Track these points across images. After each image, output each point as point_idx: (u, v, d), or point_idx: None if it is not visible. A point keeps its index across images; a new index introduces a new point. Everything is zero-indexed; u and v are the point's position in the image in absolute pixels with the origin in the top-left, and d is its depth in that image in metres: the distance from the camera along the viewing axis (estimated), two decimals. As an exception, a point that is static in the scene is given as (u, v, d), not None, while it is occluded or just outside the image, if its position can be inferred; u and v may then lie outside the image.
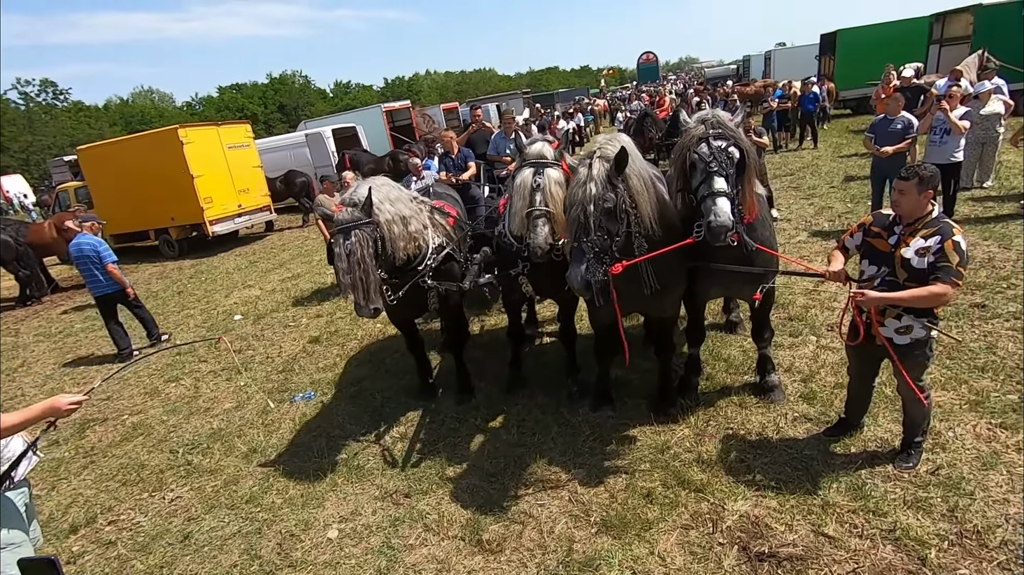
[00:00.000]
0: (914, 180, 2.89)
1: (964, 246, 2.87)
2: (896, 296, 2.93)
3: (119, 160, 13.66)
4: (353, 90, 70.46)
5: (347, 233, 3.61)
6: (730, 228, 3.06)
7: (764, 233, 3.70)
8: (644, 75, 69.48)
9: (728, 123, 3.29)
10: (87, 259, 7.05)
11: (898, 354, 3.15)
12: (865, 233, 3.23)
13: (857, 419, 3.68)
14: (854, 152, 13.20)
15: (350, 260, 3.57)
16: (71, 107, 51.66)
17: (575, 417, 4.39)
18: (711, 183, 3.11)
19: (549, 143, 3.91)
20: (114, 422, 5.61)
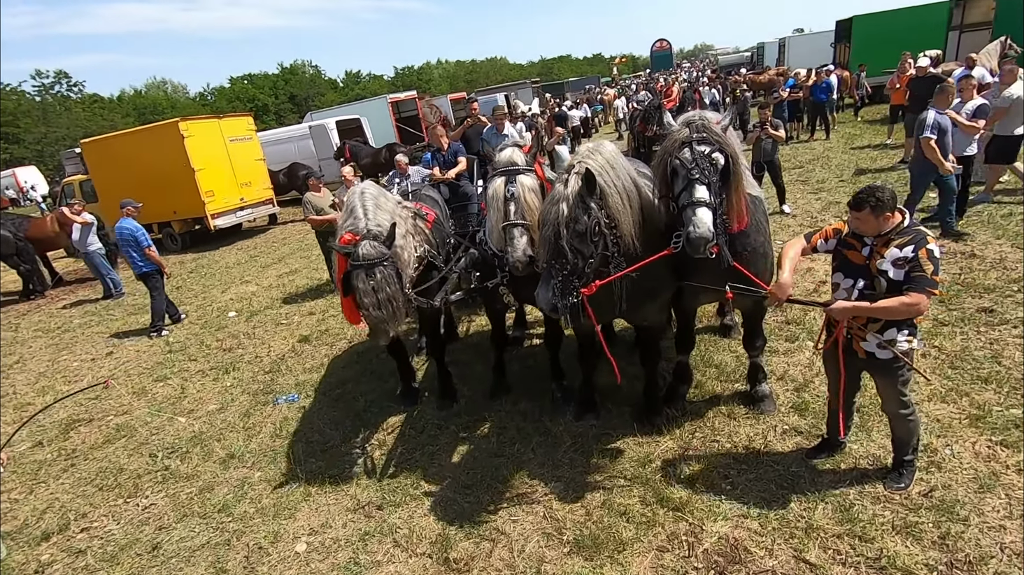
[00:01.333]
0: (866, 210, 2.71)
1: (938, 254, 2.73)
2: (868, 307, 2.77)
3: (122, 153, 13.66)
4: (364, 80, 70.21)
5: (371, 270, 3.47)
6: (709, 240, 2.88)
7: (758, 239, 3.51)
8: (657, 63, 68.45)
9: (714, 126, 3.07)
10: (126, 242, 7.60)
11: (881, 369, 2.99)
12: (839, 242, 3.04)
13: (838, 438, 3.47)
14: (867, 144, 12.81)
15: (379, 297, 3.46)
16: (85, 99, 52.03)
17: (557, 426, 4.25)
18: (692, 192, 2.92)
19: (519, 147, 3.73)
20: (99, 422, 5.58)
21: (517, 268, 3.45)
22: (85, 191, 14.77)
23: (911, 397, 3.11)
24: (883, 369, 2.98)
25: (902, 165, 10.17)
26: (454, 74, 76.30)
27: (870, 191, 2.71)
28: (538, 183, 3.67)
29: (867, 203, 2.68)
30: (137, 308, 9.49)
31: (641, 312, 3.70)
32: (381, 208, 3.78)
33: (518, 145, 3.80)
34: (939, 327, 4.70)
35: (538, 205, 3.52)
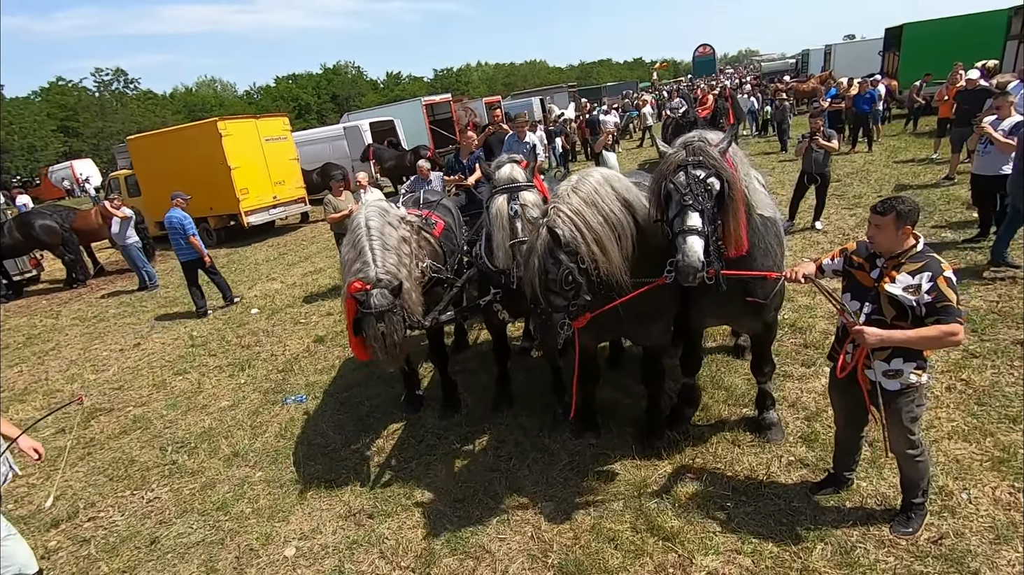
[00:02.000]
0: (891, 215, 2.56)
1: (956, 281, 2.58)
2: (903, 336, 2.59)
3: (164, 150, 14.19)
4: (403, 81, 71.31)
5: (381, 318, 3.57)
6: (699, 269, 2.79)
7: (766, 263, 3.35)
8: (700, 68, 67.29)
9: (712, 149, 2.95)
10: (175, 230, 8.27)
11: (886, 402, 2.80)
12: (847, 262, 2.92)
13: (844, 473, 3.31)
14: (911, 157, 12.26)
15: (387, 342, 3.60)
16: (140, 95, 54.45)
17: (555, 443, 4.17)
18: (684, 218, 2.84)
19: (517, 163, 3.69)
20: (118, 413, 5.77)
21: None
22: (129, 185, 15.41)
23: (921, 436, 2.92)
24: (889, 402, 2.81)
25: (946, 182, 9.70)
26: (492, 77, 76.73)
27: (898, 198, 2.59)
28: (541, 198, 3.62)
29: (894, 208, 2.55)
30: (169, 301, 9.84)
31: (642, 331, 3.61)
32: (388, 248, 3.82)
33: (515, 161, 3.75)
34: (968, 359, 4.43)
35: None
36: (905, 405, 2.78)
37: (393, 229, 3.97)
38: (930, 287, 2.52)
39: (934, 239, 7.12)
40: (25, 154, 40.36)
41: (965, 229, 7.17)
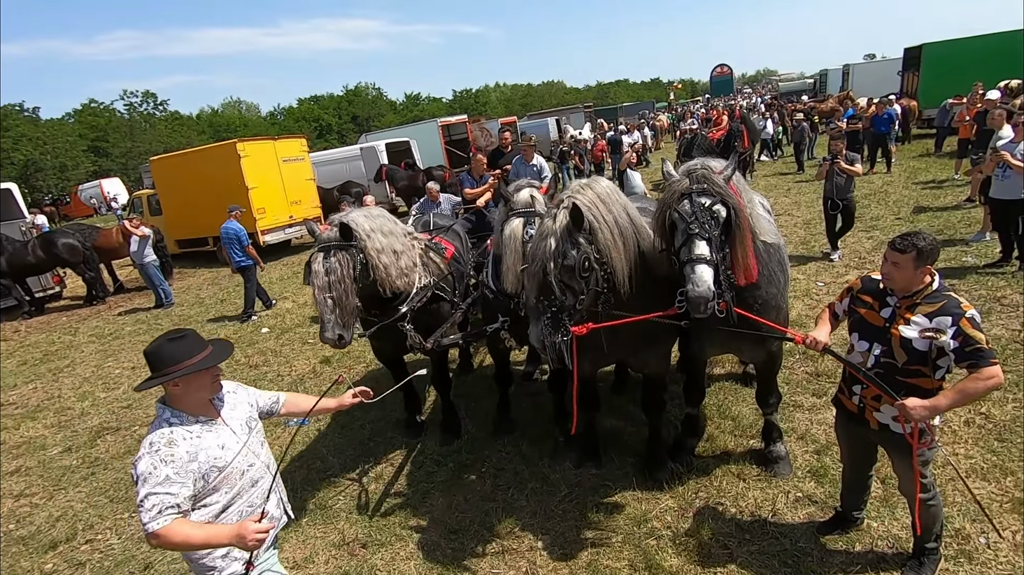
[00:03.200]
0: (911, 253, 2.41)
1: (979, 319, 2.42)
2: (947, 402, 2.43)
3: (185, 170, 14.54)
4: (423, 102, 72.51)
5: (328, 252, 3.50)
6: (710, 299, 2.68)
7: (770, 290, 3.27)
8: (717, 88, 67.47)
9: (716, 176, 2.89)
10: (230, 240, 8.88)
11: (896, 444, 2.68)
12: (852, 300, 2.79)
13: (852, 512, 3.17)
14: (931, 179, 12.03)
15: (329, 279, 3.44)
16: (168, 116, 56.16)
17: (555, 473, 4.07)
18: (691, 247, 2.75)
19: (536, 188, 3.66)
20: (125, 432, 5.81)
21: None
22: (152, 204, 15.79)
23: (932, 479, 2.78)
24: (899, 444, 2.67)
25: (968, 204, 9.47)
26: (510, 97, 77.65)
27: (919, 235, 2.42)
28: None
29: (915, 247, 2.39)
30: (183, 319, 9.97)
31: (641, 358, 3.53)
32: (369, 217, 3.75)
33: (534, 186, 3.72)
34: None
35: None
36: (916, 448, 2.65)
37: (391, 224, 3.93)
38: (954, 332, 2.37)
39: (954, 263, 6.94)
40: (57, 173, 41.70)
41: (987, 254, 6.96)
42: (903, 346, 2.49)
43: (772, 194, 13.34)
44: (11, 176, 38.62)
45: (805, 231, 9.63)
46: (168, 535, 1.92)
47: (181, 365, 2.07)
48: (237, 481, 2.18)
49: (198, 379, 2.12)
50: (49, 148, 41.26)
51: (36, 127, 43.02)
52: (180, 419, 2.11)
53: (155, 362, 2.09)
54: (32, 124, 43.35)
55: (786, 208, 11.56)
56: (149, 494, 1.93)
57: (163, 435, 2.04)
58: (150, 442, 2.03)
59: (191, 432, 2.09)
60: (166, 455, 2.00)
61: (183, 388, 2.10)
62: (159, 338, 2.15)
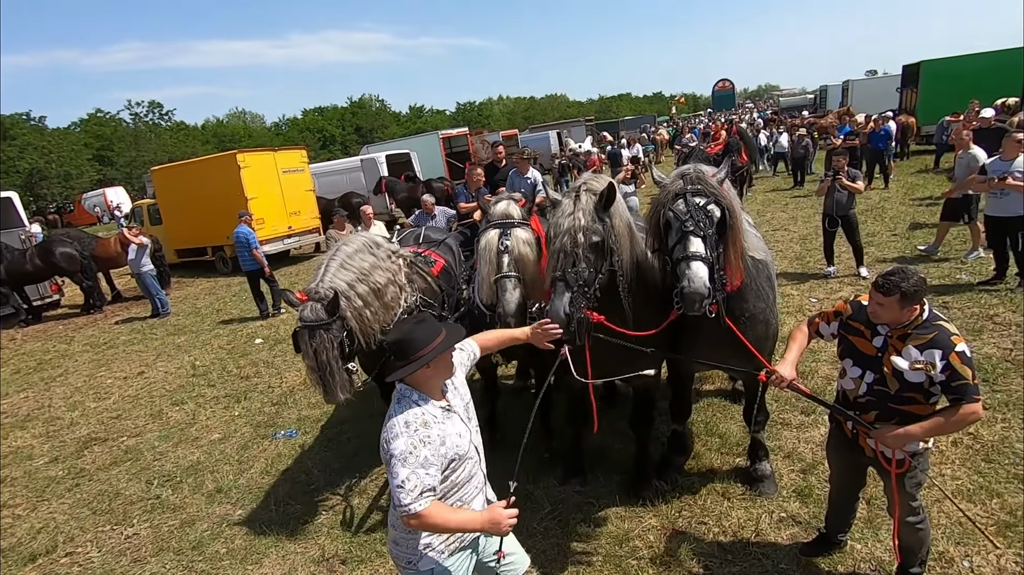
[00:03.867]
0: (895, 295, 2.36)
1: (969, 354, 2.37)
2: (922, 431, 2.43)
3: (185, 181, 14.63)
4: (426, 114, 73.06)
5: (312, 332, 3.44)
6: (705, 295, 2.66)
7: (758, 304, 3.28)
8: (719, 103, 67.94)
9: (710, 178, 2.93)
10: (241, 244, 9.34)
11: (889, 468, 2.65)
12: (842, 326, 2.75)
13: (837, 534, 3.13)
14: (928, 195, 12.04)
15: (318, 360, 3.45)
16: (173, 126, 56.67)
17: (538, 489, 4.04)
18: (686, 244, 2.75)
19: (515, 201, 3.66)
20: (112, 443, 5.79)
21: (508, 323, 3.29)
22: (152, 214, 15.87)
23: (922, 502, 2.75)
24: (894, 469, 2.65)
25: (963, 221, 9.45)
26: (513, 110, 78.20)
27: (903, 276, 2.35)
28: (534, 237, 3.54)
29: (898, 289, 2.33)
30: (177, 328, 9.98)
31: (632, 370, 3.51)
32: (347, 268, 3.73)
33: (513, 199, 3.73)
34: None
35: (533, 259, 3.42)
36: (908, 471, 2.61)
37: (371, 256, 3.91)
38: (943, 366, 2.34)
39: (948, 280, 6.92)
40: (61, 181, 42.01)
41: (981, 271, 6.95)
42: (896, 376, 2.47)
43: (769, 209, 13.37)
44: (16, 184, 38.94)
45: (801, 246, 9.62)
46: (429, 516, 1.94)
47: (432, 346, 2.04)
48: (463, 471, 2.17)
49: (445, 360, 2.11)
50: (54, 157, 41.62)
51: (42, 136, 43.45)
52: (427, 402, 2.08)
53: (407, 348, 2.03)
54: (38, 133, 43.79)
55: (783, 223, 11.58)
56: (411, 475, 1.92)
57: (418, 415, 2.02)
58: (405, 422, 2.00)
59: (436, 417, 2.07)
60: (424, 436, 1.99)
61: (434, 370, 2.07)
62: (402, 325, 2.19)
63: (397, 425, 2.00)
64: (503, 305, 3.27)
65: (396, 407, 2.08)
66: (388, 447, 1.98)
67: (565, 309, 2.77)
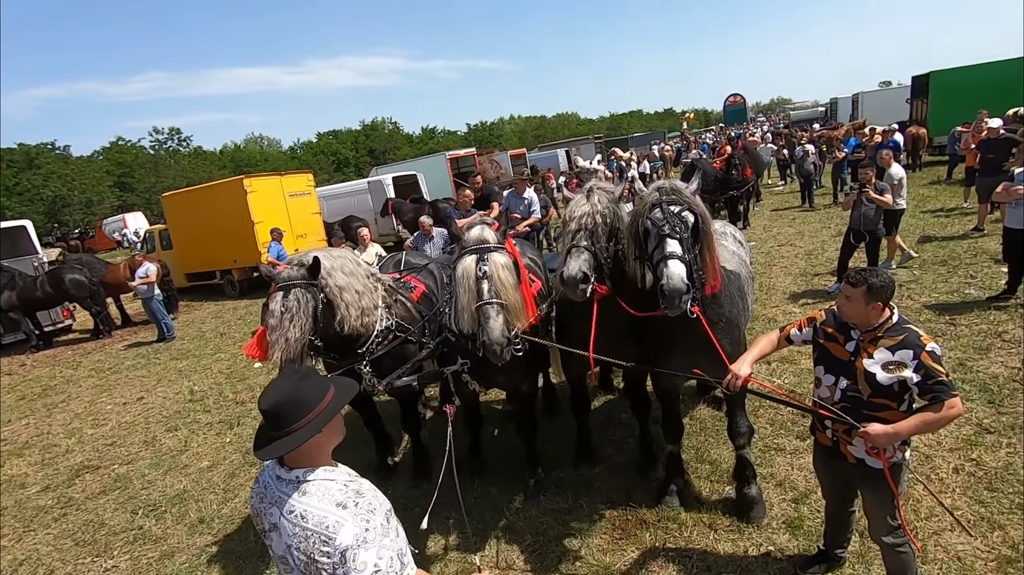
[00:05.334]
0: (862, 288, 2.43)
1: (939, 352, 2.41)
2: (910, 427, 2.41)
3: (195, 206, 14.89)
4: (438, 136, 73.96)
5: (287, 291, 3.41)
6: (684, 291, 2.80)
7: (732, 310, 3.39)
8: (731, 117, 67.82)
9: (684, 191, 3.12)
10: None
11: (870, 481, 2.59)
12: (815, 332, 2.78)
13: (836, 550, 3.04)
14: (940, 207, 11.79)
15: (282, 318, 3.34)
16: (192, 152, 58.02)
17: (520, 520, 3.92)
18: (664, 246, 2.92)
19: (488, 225, 3.61)
20: (104, 471, 5.78)
21: (495, 352, 3.20)
22: (163, 239, 16.16)
23: (900, 523, 2.62)
24: (872, 480, 2.58)
25: (975, 233, 9.22)
26: (523, 129, 78.87)
27: (873, 271, 2.48)
28: (512, 261, 3.47)
29: (866, 282, 2.43)
30: (181, 353, 10.05)
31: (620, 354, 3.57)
32: (331, 258, 3.71)
33: (486, 223, 3.69)
34: (981, 435, 4.02)
35: (513, 284, 3.35)
36: (884, 488, 2.53)
37: (352, 266, 3.87)
38: (916, 366, 2.39)
39: (956, 297, 6.70)
40: (83, 208, 43.12)
41: (992, 286, 6.72)
42: (868, 380, 2.50)
43: (776, 223, 13.18)
44: (40, 211, 40.12)
45: (806, 262, 9.43)
46: None
47: (323, 405, 1.69)
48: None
49: (338, 423, 1.76)
50: (76, 184, 42.77)
51: (65, 164, 44.73)
52: (334, 470, 1.72)
53: (294, 410, 1.65)
54: (62, 162, 45.09)
55: (789, 238, 11.39)
56: (380, 552, 1.58)
57: (342, 490, 1.65)
58: (337, 503, 1.61)
59: (355, 480, 1.72)
60: (366, 506, 1.63)
61: (327, 434, 1.71)
62: (283, 383, 1.73)
63: (329, 516, 1.58)
64: (488, 333, 3.19)
65: (302, 499, 1.63)
66: (334, 545, 1.55)
67: (579, 267, 3.09)
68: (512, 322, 3.30)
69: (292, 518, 1.62)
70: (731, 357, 3.27)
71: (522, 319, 3.38)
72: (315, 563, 1.58)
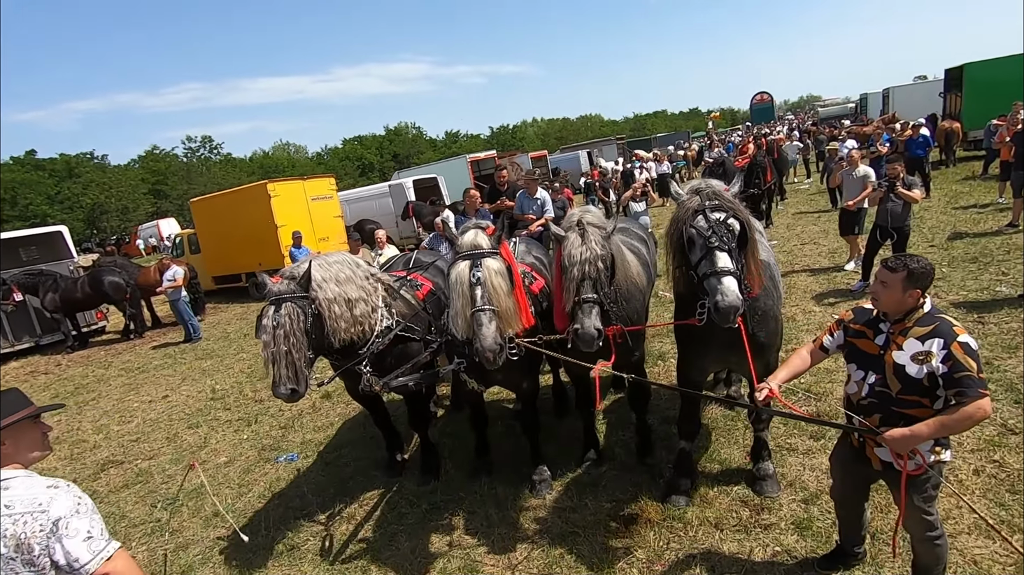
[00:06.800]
0: (902, 273, 2.34)
1: (974, 346, 2.28)
2: (928, 430, 2.30)
3: (221, 211, 15.29)
4: (461, 139, 74.44)
5: (279, 304, 3.48)
6: (738, 308, 2.75)
7: (767, 302, 3.35)
8: (758, 116, 66.65)
9: (725, 193, 3.03)
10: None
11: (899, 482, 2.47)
12: (845, 331, 2.69)
13: (853, 546, 2.98)
14: (973, 203, 11.37)
15: (275, 333, 3.41)
16: (223, 159, 59.63)
17: (525, 518, 3.90)
18: (714, 260, 2.82)
19: (483, 229, 3.59)
20: (128, 465, 5.96)
21: (488, 359, 3.21)
22: (191, 243, 16.62)
23: (938, 516, 2.57)
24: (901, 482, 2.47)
25: (1009, 229, 8.86)
26: (546, 132, 78.83)
27: (913, 257, 2.41)
28: (505, 266, 3.45)
29: (906, 267, 2.35)
30: (205, 353, 10.31)
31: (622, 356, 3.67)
32: (324, 268, 3.75)
33: (480, 227, 3.67)
34: (1006, 435, 3.86)
35: (507, 289, 3.36)
36: (919, 485, 2.45)
37: (349, 270, 3.91)
38: (944, 355, 2.26)
39: (986, 295, 6.45)
40: (119, 215, 44.68)
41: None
42: (896, 373, 2.40)
43: (800, 222, 12.90)
44: (79, 218, 41.69)
45: (829, 260, 9.21)
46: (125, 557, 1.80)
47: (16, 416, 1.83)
48: None
49: (32, 434, 1.89)
50: (114, 192, 44.36)
51: (103, 173, 46.45)
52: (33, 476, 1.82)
53: None
54: (100, 171, 46.84)
55: (812, 236, 11.14)
56: (92, 520, 1.77)
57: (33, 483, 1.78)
58: (27, 486, 1.76)
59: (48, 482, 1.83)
60: (76, 491, 1.83)
61: (13, 447, 1.82)
62: None
63: (40, 494, 1.69)
64: (481, 339, 3.20)
65: (6, 494, 1.70)
66: (47, 517, 1.65)
67: (596, 325, 3.10)
68: (505, 328, 3.30)
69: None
70: (766, 349, 3.36)
71: (515, 325, 3.39)
72: (24, 545, 1.63)
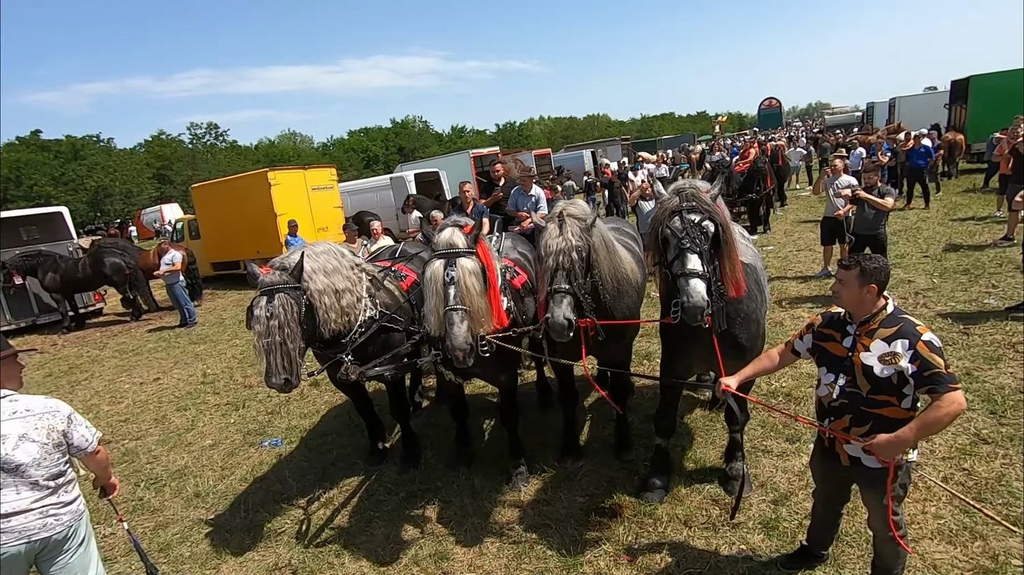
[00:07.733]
0: (855, 270, 2.43)
1: (938, 344, 2.35)
2: (912, 434, 2.34)
3: (221, 198, 15.33)
4: (467, 135, 74.34)
5: (271, 295, 3.50)
6: (704, 309, 2.83)
7: (750, 305, 3.39)
8: (765, 121, 66.43)
9: (704, 195, 3.07)
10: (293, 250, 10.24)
11: (869, 479, 2.57)
12: (814, 335, 2.74)
13: (820, 548, 3.02)
14: (971, 215, 11.37)
15: (269, 323, 3.43)
16: (228, 146, 59.63)
17: (499, 510, 3.95)
18: (684, 261, 2.91)
19: (460, 228, 3.61)
20: (115, 445, 6.02)
21: (458, 358, 3.26)
22: (192, 229, 16.67)
23: (903, 516, 2.63)
24: (871, 479, 2.55)
25: (1004, 242, 8.87)
26: (552, 130, 78.70)
27: (866, 256, 2.53)
28: (480, 266, 3.46)
29: (858, 264, 2.45)
30: (199, 338, 10.38)
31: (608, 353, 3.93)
32: (312, 259, 3.79)
33: (459, 225, 3.69)
34: (978, 444, 3.90)
35: (480, 290, 3.38)
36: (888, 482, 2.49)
37: (335, 261, 3.94)
38: (911, 355, 2.33)
39: (973, 307, 6.47)
40: (123, 198, 44.76)
41: (1013, 296, 6.47)
42: (866, 374, 2.46)
43: (798, 229, 12.90)
44: (83, 200, 41.76)
45: (820, 267, 9.20)
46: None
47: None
48: None
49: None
50: (118, 175, 44.42)
51: (108, 156, 46.49)
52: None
53: None
54: (106, 154, 46.88)
55: (808, 243, 11.14)
56: None
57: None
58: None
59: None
60: None
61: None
62: None
63: (48, 401, 2.72)
64: (451, 339, 3.23)
65: (18, 402, 2.62)
66: (63, 413, 2.70)
67: (566, 315, 3.13)
68: (476, 328, 3.34)
69: (23, 415, 2.59)
70: (748, 352, 3.38)
71: (487, 325, 3.42)
72: (55, 432, 2.65)
